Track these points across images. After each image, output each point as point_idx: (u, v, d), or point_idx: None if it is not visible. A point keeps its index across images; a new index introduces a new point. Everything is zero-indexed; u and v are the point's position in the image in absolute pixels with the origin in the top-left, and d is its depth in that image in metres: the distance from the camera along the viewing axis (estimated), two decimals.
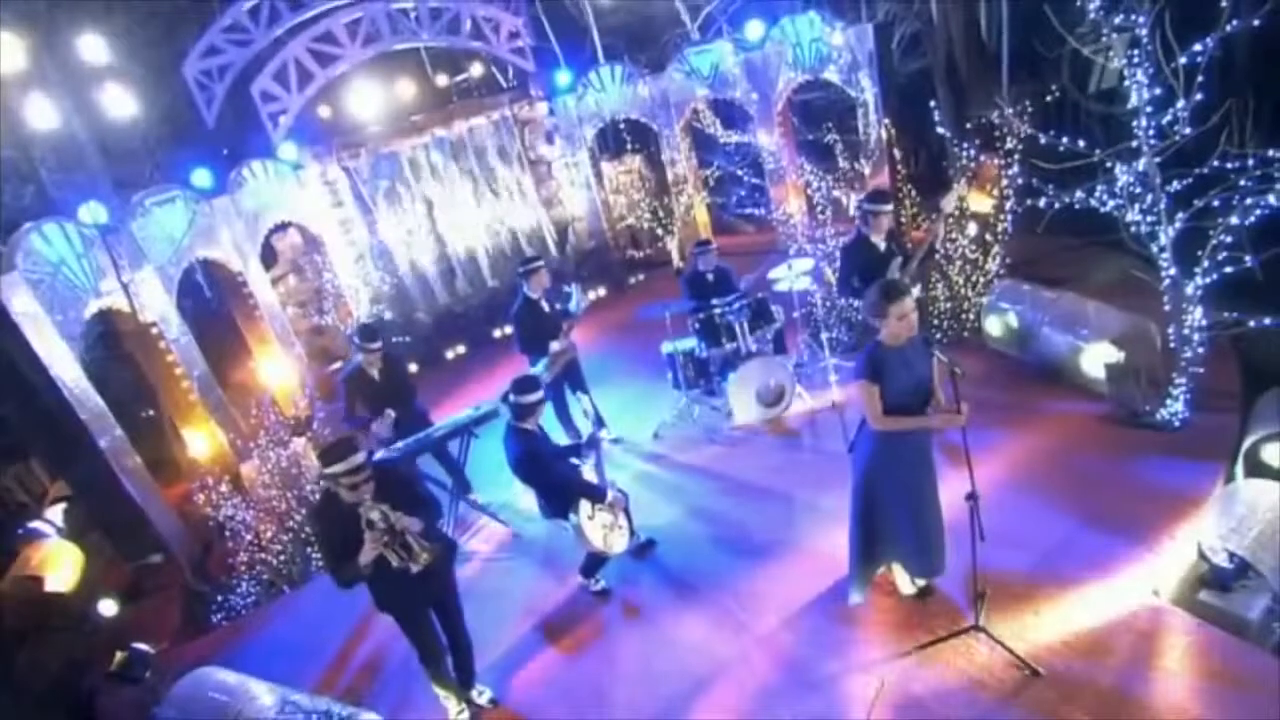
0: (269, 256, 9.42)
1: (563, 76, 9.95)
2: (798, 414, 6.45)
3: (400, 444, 5.63)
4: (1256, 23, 3.78)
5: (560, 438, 5.85)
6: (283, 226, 9.43)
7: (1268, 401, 4.70)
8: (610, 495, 4.70)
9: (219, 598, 6.00)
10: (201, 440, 7.25)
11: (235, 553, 6.01)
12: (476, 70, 12.58)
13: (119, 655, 5.04)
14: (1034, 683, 3.65)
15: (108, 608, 5.83)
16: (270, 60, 9.01)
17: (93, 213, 6.34)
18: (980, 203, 7.69)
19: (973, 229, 6.92)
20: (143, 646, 5.15)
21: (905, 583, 4.32)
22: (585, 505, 4.59)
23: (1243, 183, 4.30)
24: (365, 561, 3.53)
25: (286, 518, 6.13)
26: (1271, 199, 4.04)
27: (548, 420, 4.98)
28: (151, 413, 6.79)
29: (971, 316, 6.79)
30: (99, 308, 6.42)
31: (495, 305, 10.08)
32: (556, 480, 4.61)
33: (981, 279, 6.80)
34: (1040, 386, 5.96)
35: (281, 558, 6.07)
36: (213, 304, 10.51)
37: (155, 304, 6.87)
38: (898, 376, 3.67)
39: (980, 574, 3.87)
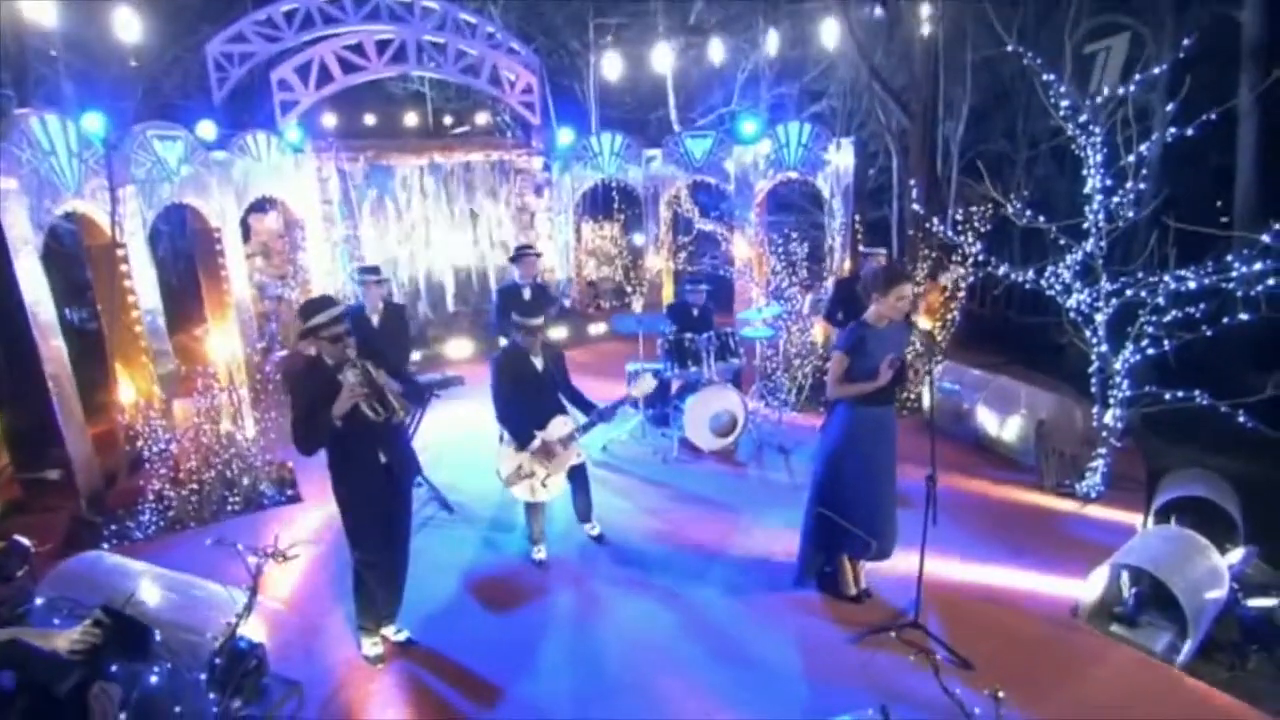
0: (243, 234, 9.33)
1: (565, 135, 10.64)
2: (745, 449, 6.65)
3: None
4: (1189, 131, 4.61)
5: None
6: (263, 207, 9.45)
7: (1173, 478, 5.23)
8: (536, 450, 4.73)
9: (112, 527, 5.53)
10: (133, 382, 6.86)
11: (147, 479, 5.60)
12: (481, 119, 13.26)
13: None
14: (966, 673, 3.82)
15: None
16: (297, 53, 9.40)
17: (97, 122, 6.32)
18: (925, 324, 8.51)
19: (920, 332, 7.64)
20: (24, 540, 4.64)
21: (849, 583, 4.45)
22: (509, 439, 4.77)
23: (1166, 278, 5.02)
24: (340, 412, 3.46)
25: (211, 454, 5.80)
26: (1191, 284, 4.73)
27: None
28: (100, 308, 6.43)
29: (911, 396, 7.28)
30: (73, 208, 6.24)
31: (455, 327, 10.15)
32: (502, 399, 4.74)
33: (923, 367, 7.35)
34: (973, 457, 6.39)
35: (195, 497, 5.69)
36: (175, 268, 10.21)
37: (131, 228, 6.72)
38: (873, 355, 3.98)
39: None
